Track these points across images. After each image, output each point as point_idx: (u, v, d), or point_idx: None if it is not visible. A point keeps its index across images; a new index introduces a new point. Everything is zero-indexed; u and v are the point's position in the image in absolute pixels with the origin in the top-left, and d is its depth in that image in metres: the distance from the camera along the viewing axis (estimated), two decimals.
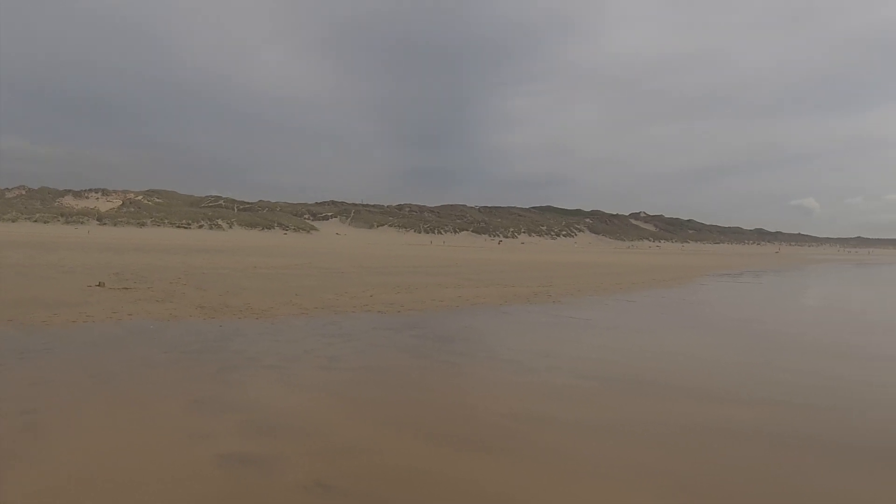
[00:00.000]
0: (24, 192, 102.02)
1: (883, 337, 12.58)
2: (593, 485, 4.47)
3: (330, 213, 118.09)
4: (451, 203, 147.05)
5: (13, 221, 77.40)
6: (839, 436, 5.84)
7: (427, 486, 4.32)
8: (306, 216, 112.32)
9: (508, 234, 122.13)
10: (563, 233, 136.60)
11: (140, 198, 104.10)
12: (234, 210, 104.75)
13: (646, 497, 4.33)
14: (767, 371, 8.80)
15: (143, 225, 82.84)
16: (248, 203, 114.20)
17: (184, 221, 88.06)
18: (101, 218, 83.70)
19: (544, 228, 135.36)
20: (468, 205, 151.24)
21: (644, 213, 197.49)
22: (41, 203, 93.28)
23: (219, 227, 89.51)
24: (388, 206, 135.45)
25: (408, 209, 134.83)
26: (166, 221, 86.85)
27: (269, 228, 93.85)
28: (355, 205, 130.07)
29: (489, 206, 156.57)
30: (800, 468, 5.02)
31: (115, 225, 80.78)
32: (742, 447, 5.45)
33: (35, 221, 78.94)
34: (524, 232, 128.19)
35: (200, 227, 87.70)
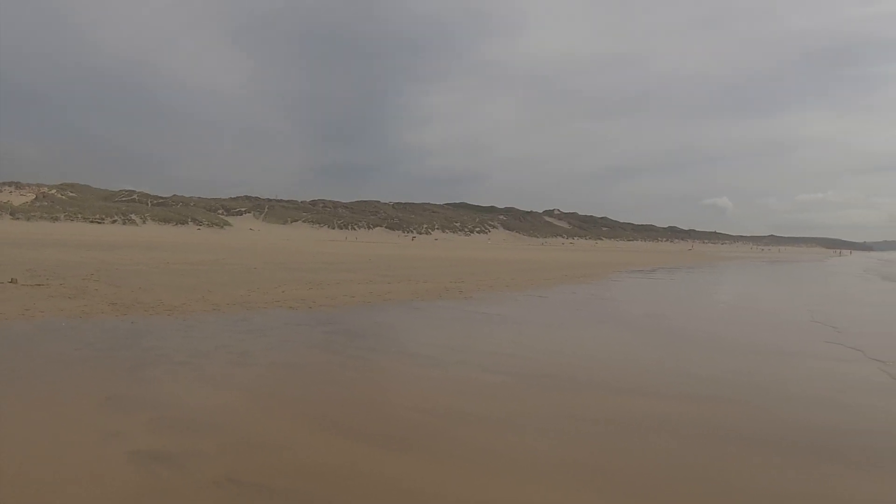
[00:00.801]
0: None
1: (792, 333, 13.04)
2: (507, 478, 4.59)
3: (244, 209, 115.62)
4: (365, 199, 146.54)
5: None
6: (751, 428, 6.08)
7: (340, 482, 4.40)
8: (220, 211, 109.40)
9: (422, 231, 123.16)
10: (477, 229, 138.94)
11: (54, 192, 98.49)
12: (147, 205, 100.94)
13: (559, 489, 4.47)
14: (679, 365, 9.12)
15: (56, 220, 78.89)
16: (162, 198, 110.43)
17: (97, 216, 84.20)
18: (14, 213, 79.72)
19: (458, 225, 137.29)
20: (382, 201, 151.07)
21: (558, 210, 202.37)
22: None
23: (132, 222, 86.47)
24: (301, 202, 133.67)
25: (322, 205, 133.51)
26: (80, 216, 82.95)
27: (183, 224, 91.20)
28: (269, 200, 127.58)
29: (403, 202, 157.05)
30: (710, 458, 5.22)
31: (28, 220, 76.82)
32: (654, 439, 5.65)
33: None
34: (438, 228, 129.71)
35: (114, 221, 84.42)
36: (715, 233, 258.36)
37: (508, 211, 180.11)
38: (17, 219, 77.37)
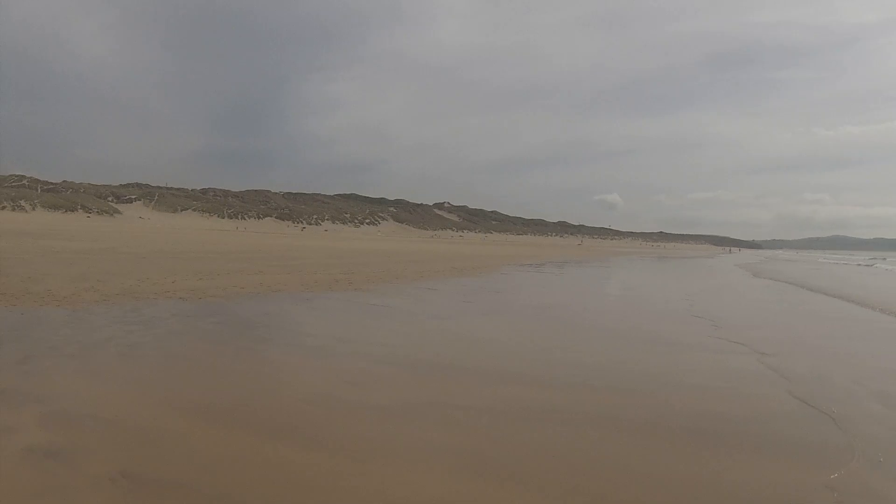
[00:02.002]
0: None
1: (675, 325, 13.44)
2: (396, 467, 4.69)
3: (134, 196, 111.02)
4: (257, 188, 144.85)
5: None
6: (638, 415, 6.29)
7: (232, 472, 4.46)
8: (110, 199, 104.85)
9: (312, 222, 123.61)
10: (367, 221, 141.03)
11: None
12: (37, 191, 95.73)
13: (447, 476, 4.58)
14: (567, 356, 9.38)
15: None
16: (53, 183, 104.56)
17: None
18: None
19: (348, 216, 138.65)
20: (273, 190, 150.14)
21: (448, 203, 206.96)
22: None
23: (21, 208, 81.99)
24: (192, 190, 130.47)
25: (212, 193, 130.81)
26: None
27: (73, 211, 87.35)
28: (160, 188, 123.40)
29: (294, 192, 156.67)
30: (597, 445, 5.39)
31: None
32: (541, 426, 5.81)
33: None
34: (328, 219, 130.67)
35: (3, 208, 79.68)
36: (605, 228, 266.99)
37: (399, 203, 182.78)
38: None
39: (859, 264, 65.25)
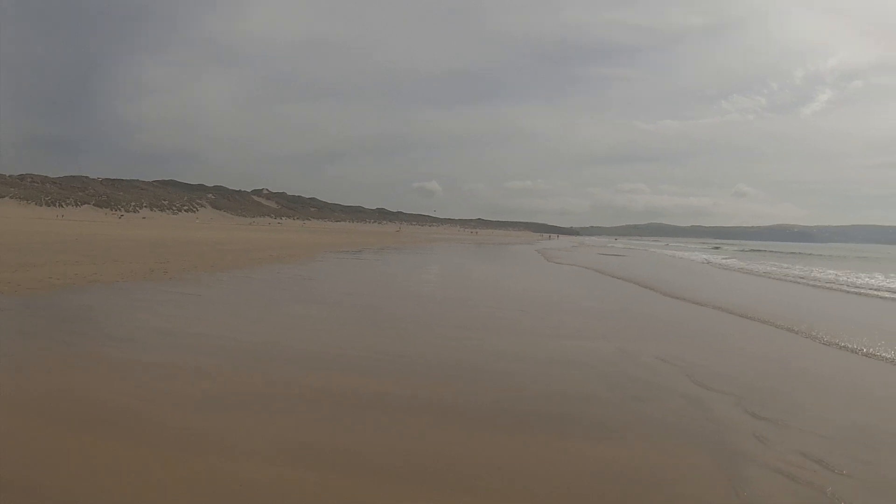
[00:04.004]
0: None
1: (489, 310, 14.34)
2: (214, 456, 4.75)
3: None
4: (74, 174, 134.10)
5: None
6: (467, 403, 6.56)
7: (61, 467, 4.45)
8: None
9: (131, 209, 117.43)
10: (186, 208, 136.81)
11: None
12: None
13: (276, 466, 4.64)
14: (381, 341, 9.69)
15: None
16: None
17: None
18: None
19: (166, 203, 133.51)
20: (91, 176, 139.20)
21: (267, 189, 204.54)
22: None
23: None
24: (10, 177, 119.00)
25: (30, 180, 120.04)
26: None
27: None
28: None
29: (113, 178, 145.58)
30: (424, 432, 5.56)
31: None
32: (366, 414, 5.96)
33: None
34: (147, 206, 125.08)
35: None
36: (424, 215, 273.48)
37: (217, 189, 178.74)
38: None
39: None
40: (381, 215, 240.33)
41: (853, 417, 6.74)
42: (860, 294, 22.19)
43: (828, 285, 24.88)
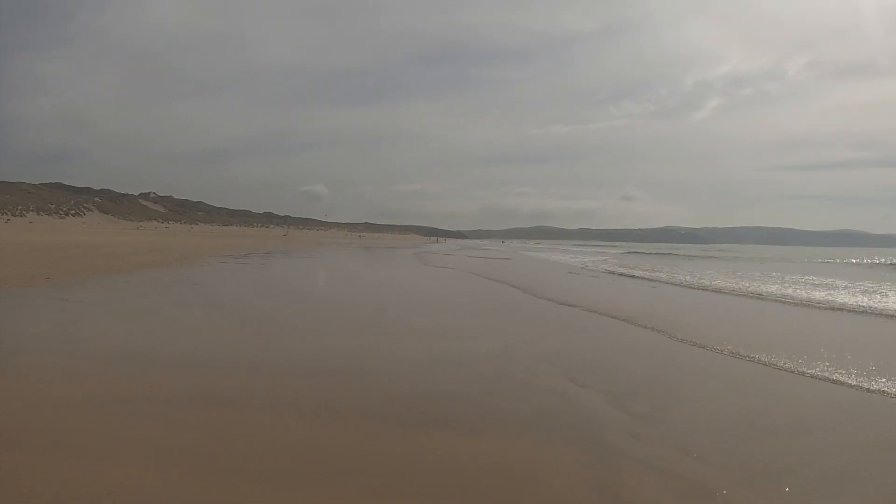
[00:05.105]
0: None
1: (377, 313, 14.64)
2: (102, 463, 4.70)
3: None
4: None
5: None
6: (363, 401, 6.74)
7: None
8: None
9: (17, 213, 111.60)
10: (73, 212, 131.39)
11: None
12: None
13: (153, 470, 4.63)
14: (263, 343, 9.87)
15: None
16: None
17: None
18: None
19: (53, 207, 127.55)
20: None
21: (154, 193, 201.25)
22: None
23: None
24: None
25: None
26: None
27: None
28: None
29: None
30: (310, 431, 5.69)
31: None
32: (249, 414, 6.03)
33: None
34: (33, 210, 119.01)
35: None
36: (311, 219, 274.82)
37: (104, 193, 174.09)
38: None
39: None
40: (269, 219, 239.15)
41: (726, 410, 7.00)
42: (704, 291, 23.42)
43: (687, 286, 26.13)
